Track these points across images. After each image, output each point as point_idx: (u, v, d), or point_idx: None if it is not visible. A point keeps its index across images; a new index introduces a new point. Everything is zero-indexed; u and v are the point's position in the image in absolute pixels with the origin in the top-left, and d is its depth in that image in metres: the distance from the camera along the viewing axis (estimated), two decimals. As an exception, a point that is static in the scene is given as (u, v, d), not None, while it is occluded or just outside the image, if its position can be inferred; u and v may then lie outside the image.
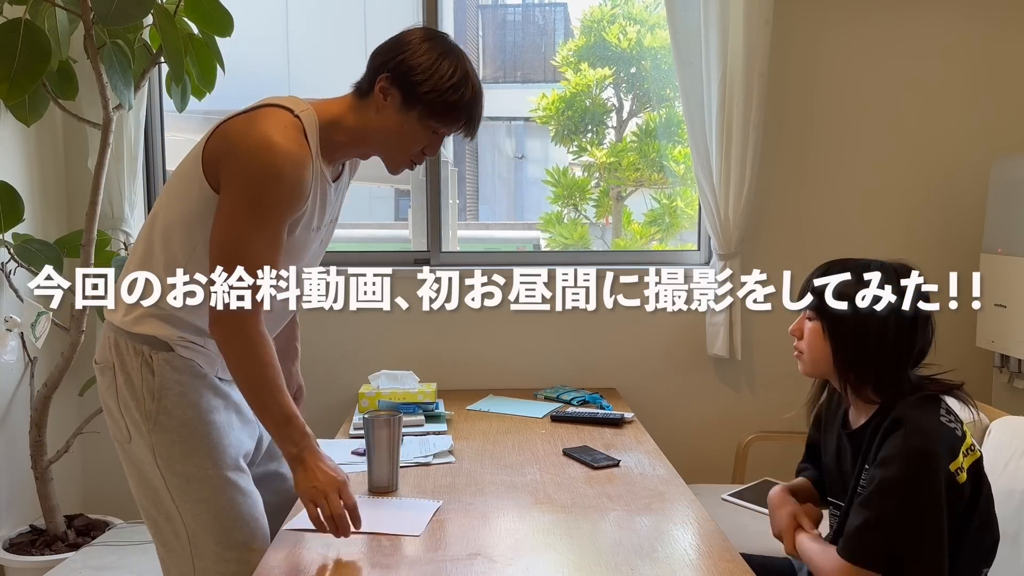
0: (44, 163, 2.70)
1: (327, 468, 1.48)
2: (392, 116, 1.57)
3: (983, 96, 2.89)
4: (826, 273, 1.59)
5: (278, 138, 1.47)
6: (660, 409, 2.87)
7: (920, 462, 1.40)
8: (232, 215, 1.47)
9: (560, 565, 1.46)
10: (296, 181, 1.49)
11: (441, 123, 1.59)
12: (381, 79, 1.55)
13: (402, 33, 1.62)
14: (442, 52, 1.57)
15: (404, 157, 1.64)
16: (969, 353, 2.86)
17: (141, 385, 1.57)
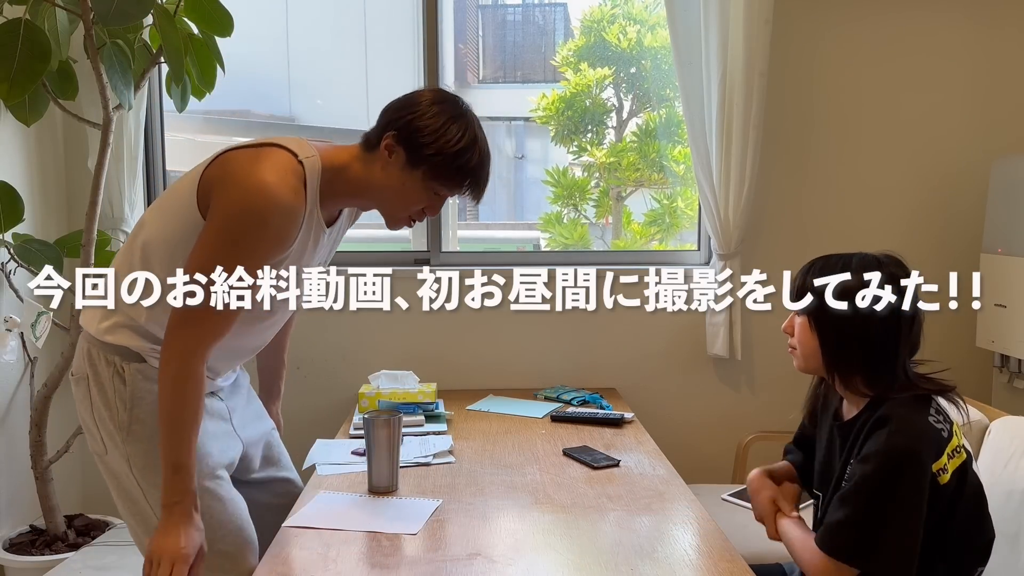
0: (44, 163, 2.70)
1: (184, 536, 1.45)
2: (395, 174, 1.56)
3: (983, 96, 2.89)
4: (811, 269, 1.59)
5: (274, 183, 1.45)
6: (660, 409, 2.87)
7: (901, 461, 1.41)
8: (210, 247, 1.45)
9: (560, 565, 1.46)
10: (279, 229, 1.48)
11: (444, 186, 1.59)
12: (388, 136, 1.55)
13: (414, 93, 1.61)
14: (451, 116, 1.56)
15: (403, 214, 1.64)
16: (969, 353, 2.86)
17: (114, 396, 1.57)
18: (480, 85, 4.04)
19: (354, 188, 1.60)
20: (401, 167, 1.55)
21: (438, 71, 2.90)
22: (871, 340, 1.50)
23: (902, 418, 1.44)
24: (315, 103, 3.81)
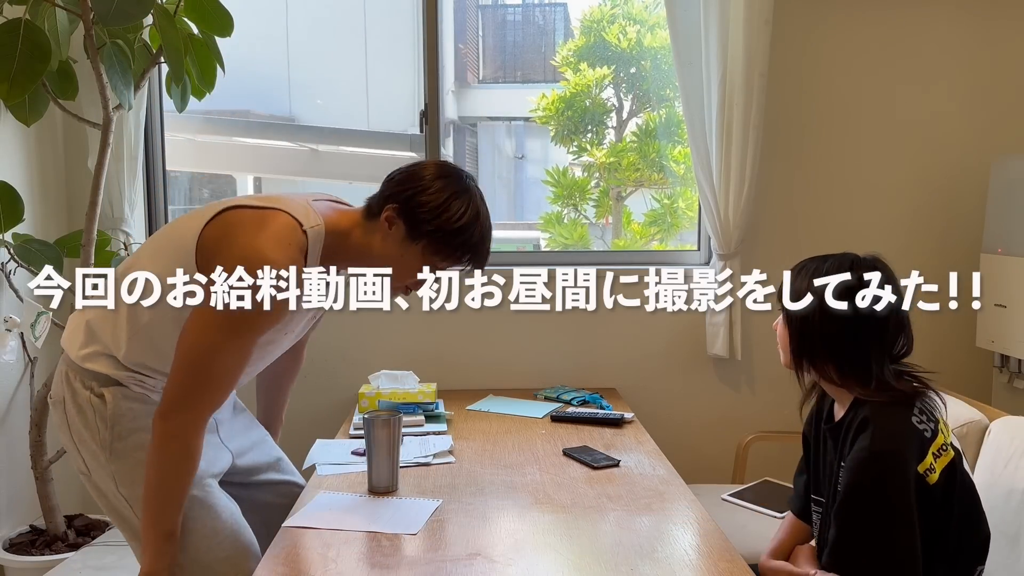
0: (44, 163, 2.70)
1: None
2: (395, 245, 1.58)
3: (983, 96, 2.89)
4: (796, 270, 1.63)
5: (276, 260, 1.44)
6: (660, 409, 2.87)
7: (885, 466, 1.42)
8: (209, 320, 1.44)
9: (560, 565, 1.46)
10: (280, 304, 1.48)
11: (444, 260, 1.61)
12: (389, 208, 1.56)
13: (417, 165, 1.62)
14: (454, 192, 1.57)
15: (400, 284, 1.65)
16: (969, 353, 2.86)
17: (94, 416, 1.57)
18: (480, 85, 4.04)
19: (354, 255, 1.61)
20: (401, 239, 1.57)
21: (438, 71, 2.90)
22: (832, 336, 1.52)
23: (883, 421, 1.45)
24: (315, 103, 3.81)
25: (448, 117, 3.24)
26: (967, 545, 1.55)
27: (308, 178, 3.87)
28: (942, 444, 1.49)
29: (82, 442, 1.60)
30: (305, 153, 3.65)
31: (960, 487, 1.52)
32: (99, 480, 1.61)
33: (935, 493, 1.45)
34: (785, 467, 2.83)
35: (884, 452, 1.42)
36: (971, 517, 1.55)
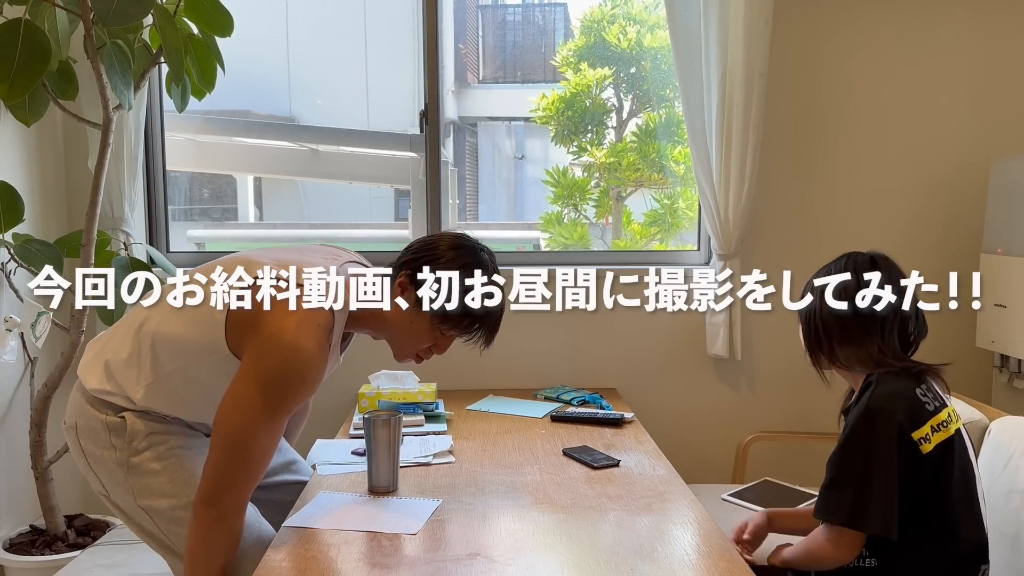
0: (44, 163, 2.70)
1: None
2: (405, 312, 1.60)
3: (983, 96, 2.89)
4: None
5: (309, 345, 1.48)
6: (660, 409, 2.87)
7: (873, 418, 1.52)
8: (249, 403, 1.48)
9: (560, 565, 1.46)
10: (315, 384, 1.53)
11: (453, 331, 1.64)
12: (401, 275, 1.60)
13: (435, 235, 1.67)
14: (466, 263, 1.60)
15: (410, 351, 1.68)
16: (969, 353, 2.86)
17: (108, 436, 1.61)
18: (480, 85, 4.04)
19: (367, 320, 1.65)
20: (412, 306, 1.60)
21: (438, 71, 2.90)
22: (836, 335, 1.66)
23: (885, 384, 1.56)
24: (315, 103, 3.81)
25: (448, 117, 3.24)
26: (964, 536, 1.56)
27: (308, 178, 3.87)
28: (943, 420, 1.56)
29: (98, 463, 1.63)
30: (305, 153, 3.65)
31: (959, 473, 1.56)
32: (118, 498, 1.65)
33: (927, 465, 1.52)
34: (785, 467, 2.84)
35: (876, 408, 1.53)
36: (968, 507, 1.58)
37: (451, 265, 1.59)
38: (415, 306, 1.60)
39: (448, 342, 1.69)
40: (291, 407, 1.52)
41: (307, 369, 1.49)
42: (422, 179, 2.98)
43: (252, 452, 1.49)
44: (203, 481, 1.50)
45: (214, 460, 1.49)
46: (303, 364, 1.48)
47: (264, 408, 1.48)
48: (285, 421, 1.54)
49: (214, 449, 1.50)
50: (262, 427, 1.49)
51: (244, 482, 1.51)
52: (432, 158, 2.93)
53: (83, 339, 2.39)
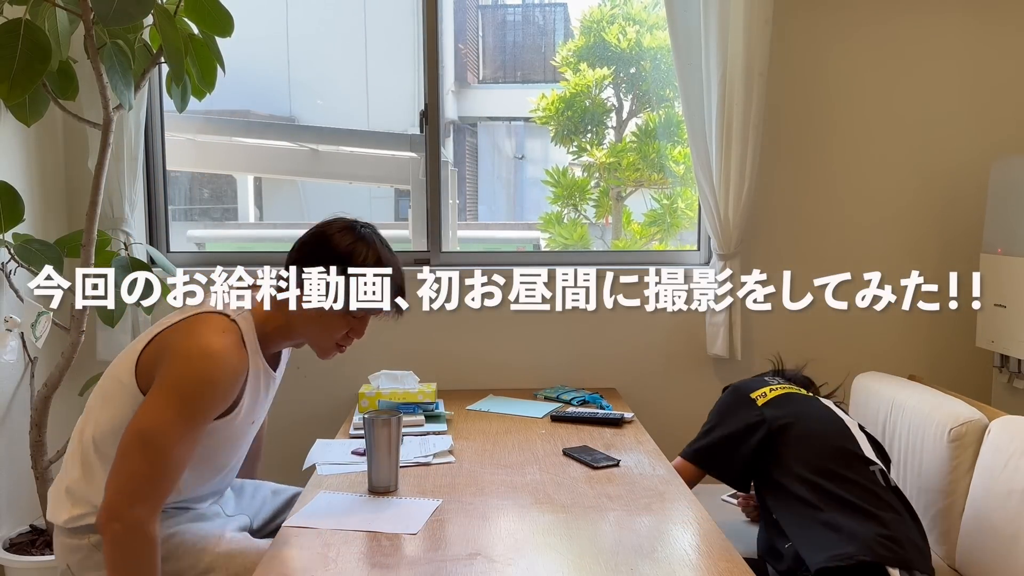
0: (44, 163, 2.70)
1: None
2: (315, 309, 1.63)
3: (983, 96, 2.89)
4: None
5: (217, 346, 1.51)
6: (660, 409, 2.87)
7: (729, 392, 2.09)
8: (158, 407, 1.48)
9: (560, 565, 1.46)
10: (227, 387, 1.53)
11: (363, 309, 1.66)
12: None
13: (316, 227, 1.70)
14: (355, 239, 1.65)
15: (330, 343, 1.71)
16: (969, 353, 2.86)
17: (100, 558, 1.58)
18: (480, 85, 4.04)
19: (283, 331, 1.67)
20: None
21: (438, 71, 2.90)
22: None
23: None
24: (315, 103, 3.81)
25: (448, 117, 3.24)
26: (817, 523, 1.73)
27: (308, 178, 3.87)
28: (776, 391, 1.98)
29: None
30: (305, 153, 3.65)
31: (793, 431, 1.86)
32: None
33: (763, 413, 1.90)
34: (785, 467, 2.84)
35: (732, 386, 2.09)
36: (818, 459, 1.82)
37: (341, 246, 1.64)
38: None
39: (364, 323, 1.71)
40: (205, 412, 1.50)
41: (217, 371, 1.49)
42: (422, 179, 2.98)
43: (166, 459, 1.46)
44: (108, 494, 1.46)
45: (123, 470, 1.46)
46: (213, 366, 1.49)
47: (177, 414, 1.47)
48: (200, 431, 1.51)
49: (123, 459, 1.46)
50: (176, 433, 1.47)
51: (155, 492, 1.47)
52: (432, 158, 2.93)
53: (83, 339, 2.39)
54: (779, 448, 1.84)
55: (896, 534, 1.68)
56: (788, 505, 1.78)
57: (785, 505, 1.78)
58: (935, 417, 2.06)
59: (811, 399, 1.98)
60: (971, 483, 1.96)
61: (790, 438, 1.84)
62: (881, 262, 2.90)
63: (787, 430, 1.85)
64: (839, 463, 1.78)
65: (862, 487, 1.74)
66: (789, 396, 1.94)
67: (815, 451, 1.81)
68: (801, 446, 1.82)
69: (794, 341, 2.91)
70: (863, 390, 2.42)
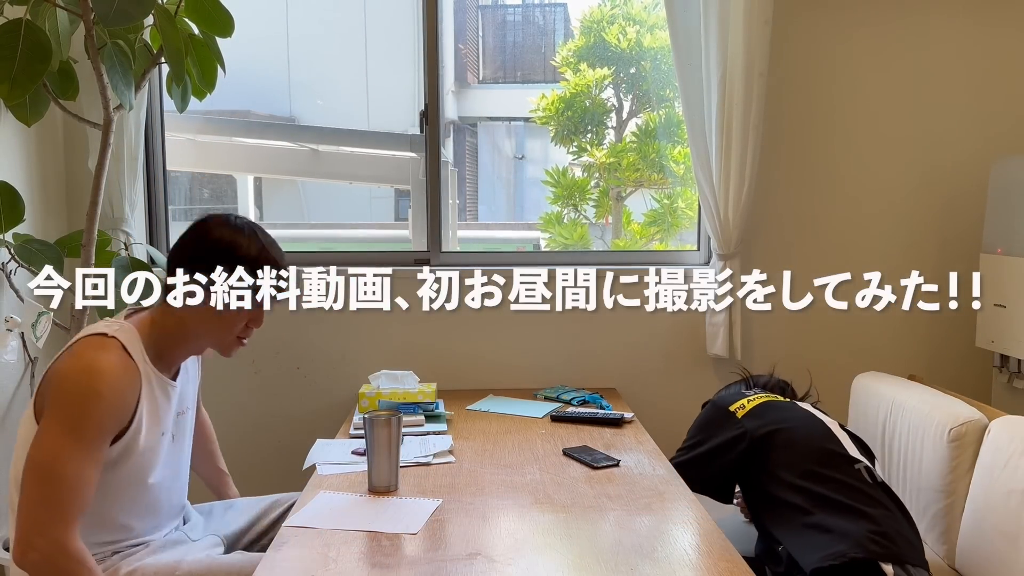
0: (44, 163, 2.70)
1: None
2: (209, 309, 1.61)
3: (983, 96, 2.89)
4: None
5: (96, 360, 1.50)
6: (660, 409, 2.87)
7: (708, 407, 2.05)
8: (48, 433, 1.47)
9: (560, 565, 1.47)
10: (114, 399, 1.51)
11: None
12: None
13: (191, 228, 1.67)
14: (235, 229, 1.63)
15: (231, 337, 1.69)
16: (969, 353, 2.87)
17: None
18: (480, 85, 4.04)
19: (178, 338, 1.66)
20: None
21: (438, 71, 2.90)
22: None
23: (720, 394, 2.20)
24: (315, 103, 3.82)
25: (448, 117, 3.24)
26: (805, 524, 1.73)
27: (308, 178, 3.88)
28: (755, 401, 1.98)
29: None
30: (305, 153, 3.65)
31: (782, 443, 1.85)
32: None
33: (743, 424, 1.90)
34: (785, 467, 2.84)
35: (712, 402, 2.08)
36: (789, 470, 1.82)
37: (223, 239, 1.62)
38: None
39: (261, 311, 1.69)
40: (93, 426, 1.47)
41: (99, 384, 1.47)
42: (422, 179, 2.98)
43: (64, 481, 1.43)
44: (17, 529, 1.44)
45: (26, 502, 1.44)
46: (92, 380, 1.47)
47: (66, 434, 1.45)
48: (95, 447, 1.48)
49: (25, 492, 1.45)
50: (66, 453, 1.44)
51: (63, 514, 1.43)
52: (432, 158, 2.93)
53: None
54: (763, 457, 1.84)
55: (887, 529, 1.68)
56: (778, 512, 1.78)
57: (775, 512, 1.79)
58: (935, 417, 2.06)
59: (790, 405, 1.99)
60: (971, 483, 1.96)
61: (773, 446, 1.84)
62: (881, 262, 2.91)
63: (770, 438, 1.86)
64: (824, 464, 1.79)
65: (849, 486, 1.75)
66: (768, 404, 1.95)
67: (800, 455, 1.82)
68: (785, 452, 1.83)
69: (794, 341, 2.91)
70: (863, 390, 2.42)
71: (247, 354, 2.84)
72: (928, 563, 1.73)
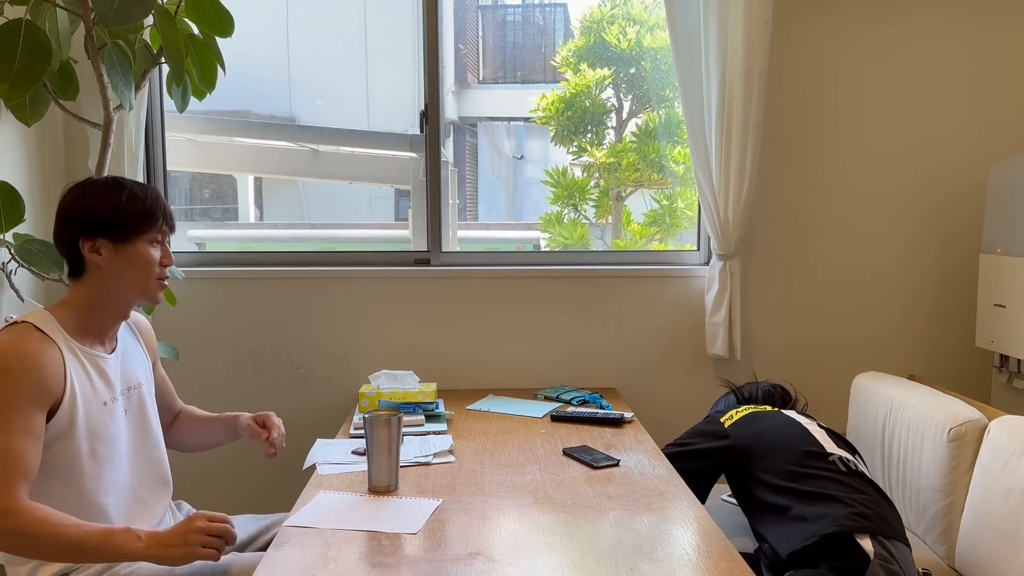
0: (45, 163, 2.70)
1: (168, 531, 1.49)
2: (115, 260, 1.65)
3: (983, 97, 2.89)
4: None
5: (3, 343, 1.52)
6: (660, 409, 2.88)
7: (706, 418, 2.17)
8: None
9: (560, 565, 1.47)
10: (26, 370, 1.51)
11: (151, 230, 1.68)
12: (83, 243, 1.63)
13: (59, 205, 1.68)
14: (99, 186, 1.66)
15: (152, 279, 1.71)
16: (969, 353, 2.87)
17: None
18: (480, 85, 4.04)
19: (99, 307, 1.67)
20: (113, 251, 1.64)
21: (438, 71, 2.90)
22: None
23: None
24: (315, 103, 3.82)
25: (448, 117, 3.24)
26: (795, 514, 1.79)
27: (308, 178, 3.88)
28: (743, 412, 2.08)
29: None
30: (305, 153, 3.65)
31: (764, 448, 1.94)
32: None
33: (728, 434, 2.00)
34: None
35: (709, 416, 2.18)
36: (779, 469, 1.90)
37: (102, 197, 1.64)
38: (120, 247, 1.64)
39: (165, 246, 1.73)
40: (8, 400, 1.49)
41: (6, 359, 1.50)
42: (422, 179, 2.99)
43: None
44: None
45: None
46: (1, 356, 1.50)
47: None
48: (21, 418, 1.49)
49: None
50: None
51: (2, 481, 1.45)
52: (432, 158, 2.93)
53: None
54: (748, 464, 1.93)
55: (862, 510, 1.75)
56: (762, 514, 1.87)
57: (762, 515, 1.88)
58: (935, 417, 2.06)
59: (775, 414, 2.06)
60: (971, 483, 1.96)
61: (756, 454, 1.93)
62: (881, 262, 2.91)
63: (752, 447, 1.95)
64: (802, 464, 1.87)
65: (824, 477, 1.83)
66: (754, 416, 2.05)
67: (780, 459, 1.90)
68: (767, 458, 1.91)
69: (794, 341, 2.91)
70: (863, 390, 2.43)
71: (247, 354, 2.85)
72: (909, 542, 1.79)
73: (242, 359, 2.83)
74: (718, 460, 1.99)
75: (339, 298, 2.83)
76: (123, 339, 1.78)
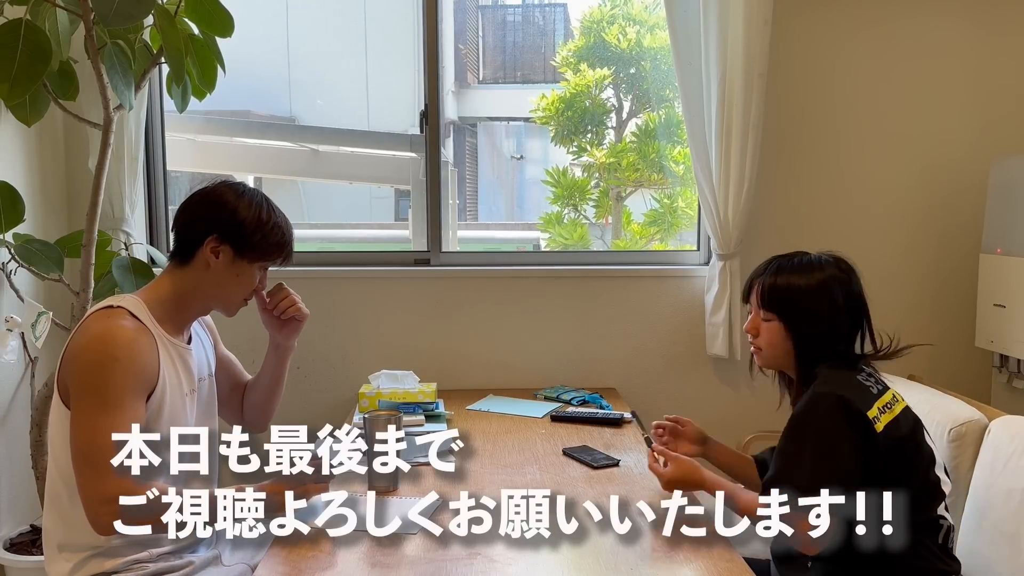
0: (45, 163, 2.70)
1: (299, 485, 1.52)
2: (225, 269, 1.66)
3: (983, 96, 2.89)
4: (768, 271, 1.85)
5: (104, 328, 1.53)
6: (660, 409, 2.87)
7: (819, 401, 1.61)
8: (81, 415, 1.48)
9: (560, 565, 1.47)
10: (133, 358, 1.52)
11: (271, 261, 1.71)
12: (211, 240, 1.64)
13: (211, 193, 1.69)
14: (256, 202, 1.67)
15: (240, 299, 1.74)
16: (969, 353, 2.87)
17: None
18: (480, 85, 4.04)
19: (188, 301, 1.68)
20: (230, 262, 1.66)
21: (438, 71, 2.90)
22: (838, 336, 1.71)
23: (827, 373, 1.66)
24: (315, 103, 3.82)
25: (448, 117, 3.24)
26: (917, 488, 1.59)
27: (308, 178, 3.88)
28: (887, 402, 1.66)
29: None
30: (305, 153, 3.65)
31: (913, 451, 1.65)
32: None
33: (879, 441, 1.59)
34: (785, 467, 2.84)
35: (822, 393, 1.61)
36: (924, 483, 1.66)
37: (251, 210, 1.66)
38: (235, 258, 1.66)
39: (265, 275, 1.75)
40: (118, 390, 1.48)
41: (113, 348, 1.50)
42: (422, 179, 2.99)
43: (107, 451, 1.42)
44: (88, 512, 1.45)
45: (83, 485, 1.45)
46: (106, 345, 1.50)
47: (98, 409, 1.46)
48: (129, 410, 1.48)
49: (79, 477, 1.46)
50: (103, 424, 1.44)
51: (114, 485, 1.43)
52: (432, 158, 2.93)
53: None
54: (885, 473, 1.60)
55: None
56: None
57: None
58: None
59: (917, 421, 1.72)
60: (971, 483, 1.96)
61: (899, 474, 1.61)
62: (881, 262, 2.91)
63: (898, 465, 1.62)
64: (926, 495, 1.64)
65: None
66: (906, 415, 1.68)
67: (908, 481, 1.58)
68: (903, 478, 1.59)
69: (794, 341, 2.91)
70: (863, 390, 2.42)
71: (247, 354, 2.84)
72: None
73: (242, 359, 2.82)
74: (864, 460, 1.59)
75: (339, 298, 2.83)
76: (195, 330, 1.80)
